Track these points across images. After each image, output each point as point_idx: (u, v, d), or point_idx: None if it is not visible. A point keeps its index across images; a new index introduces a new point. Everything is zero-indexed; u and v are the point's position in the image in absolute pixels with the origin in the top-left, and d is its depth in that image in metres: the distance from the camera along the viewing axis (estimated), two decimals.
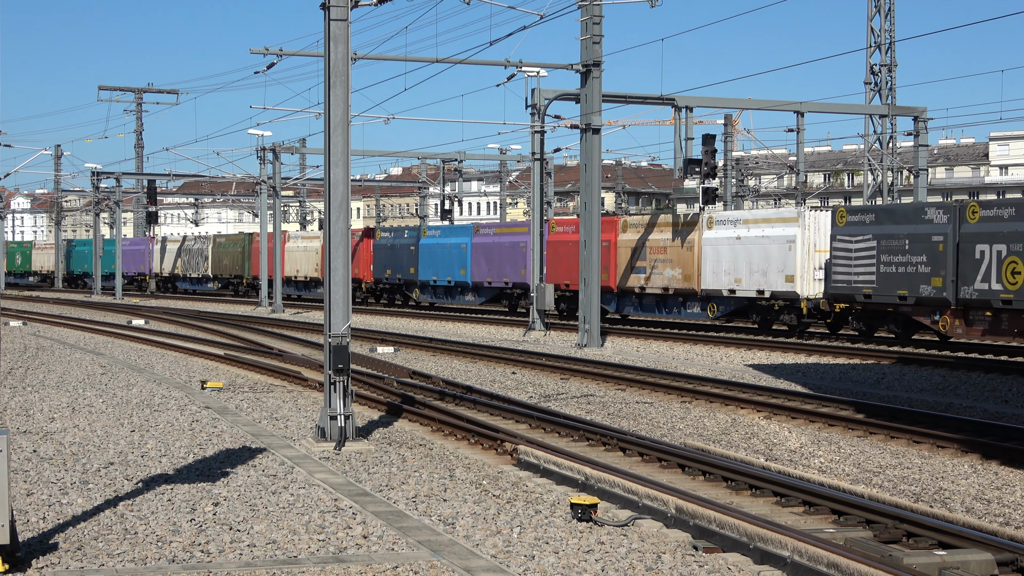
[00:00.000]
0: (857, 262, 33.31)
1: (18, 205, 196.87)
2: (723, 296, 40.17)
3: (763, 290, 38.54)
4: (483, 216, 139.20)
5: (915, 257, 31.16)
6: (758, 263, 38.62)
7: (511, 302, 52.73)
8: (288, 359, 30.48)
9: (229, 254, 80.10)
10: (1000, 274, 28.20)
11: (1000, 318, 28.48)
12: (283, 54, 36.03)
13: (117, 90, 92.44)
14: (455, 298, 56.58)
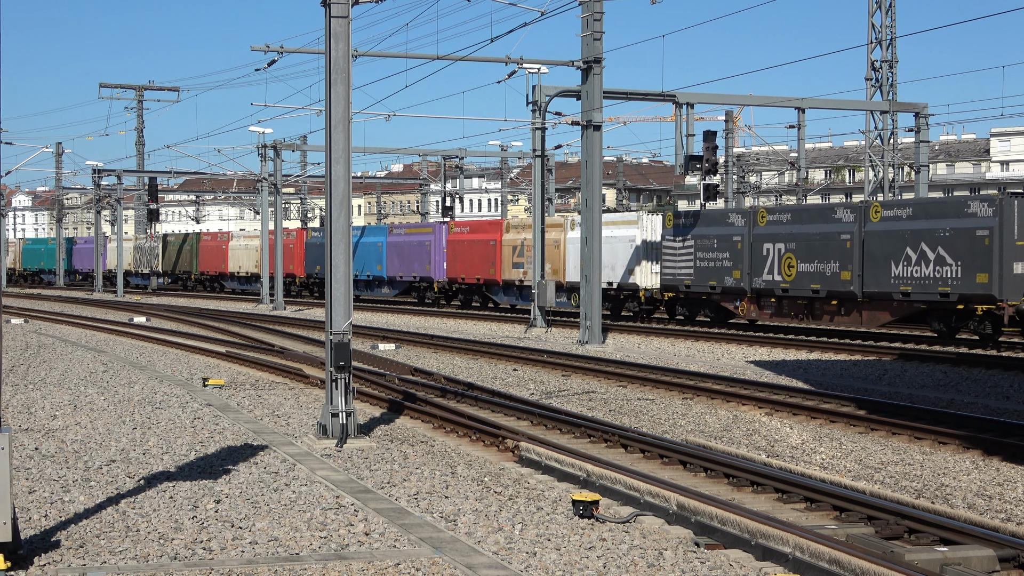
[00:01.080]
0: (681, 258, 41.22)
1: (19, 203, 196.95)
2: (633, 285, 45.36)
3: (612, 282, 44.66)
4: (484, 213, 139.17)
5: (721, 254, 39.39)
6: (608, 259, 43.15)
7: (419, 294, 59.13)
8: (289, 356, 30.49)
9: (179, 252, 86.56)
10: (780, 268, 36.91)
11: (782, 303, 37.42)
12: (284, 51, 36.03)
13: (118, 87, 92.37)
14: (374, 290, 62.95)
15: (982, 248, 31.13)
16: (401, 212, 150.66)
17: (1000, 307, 30.80)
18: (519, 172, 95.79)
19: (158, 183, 78.53)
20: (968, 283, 31.37)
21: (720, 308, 40.63)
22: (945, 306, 32.62)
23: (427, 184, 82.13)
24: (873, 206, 34.66)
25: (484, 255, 53.50)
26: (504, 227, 52.66)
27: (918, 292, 32.89)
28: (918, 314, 33.94)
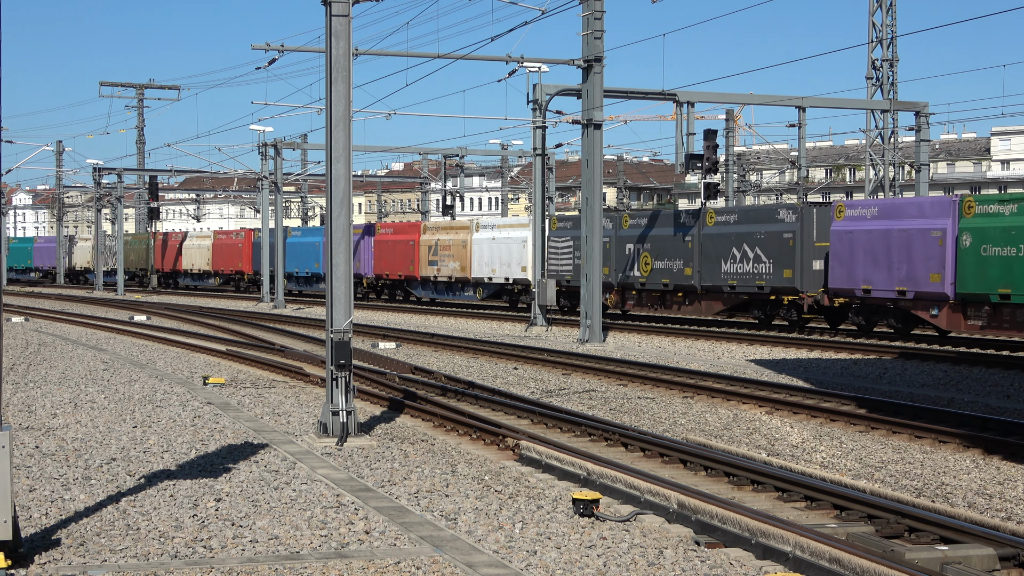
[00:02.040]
0: (563, 257, 46.88)
1: (20, 201, 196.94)
2: (485, 282, 53.49)
3: (508, 277, 51.75)
4: (485, 212, 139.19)
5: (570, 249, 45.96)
6: (505, 258, 51.59)
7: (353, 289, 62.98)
8: (290, 355, 30.50)
9: (135, 250, 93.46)
10: (639, 265, 42.71)
11: (641, 295, 43.63)
12: (284, 50, 36.04)
13: (118, 86, 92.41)
14: (312, 286, 69.30)
15: (788, 248, 37.14)
16: (402, 211, 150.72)
17: (801, 297, 37.03)
18: (520, 171, 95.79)
19: (158, 181, 78.61)
20: (778, 278, 37.49)
21: None
22: (762, 297, 38.75)
23: (427, 183, 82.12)
24: (708, 213, 40.81)
25: (405, 254, 59.73)
26: (421, 229, 59.07)
27: (742, 285, 39.01)
28: (743, 304, 39.99)
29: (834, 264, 35.49)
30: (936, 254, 32.03)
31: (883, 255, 33.69)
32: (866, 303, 34.94)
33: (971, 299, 30.99)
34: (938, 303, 32.20)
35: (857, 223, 34.90)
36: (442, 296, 57.60)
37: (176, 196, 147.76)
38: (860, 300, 34.91)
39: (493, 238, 52.96)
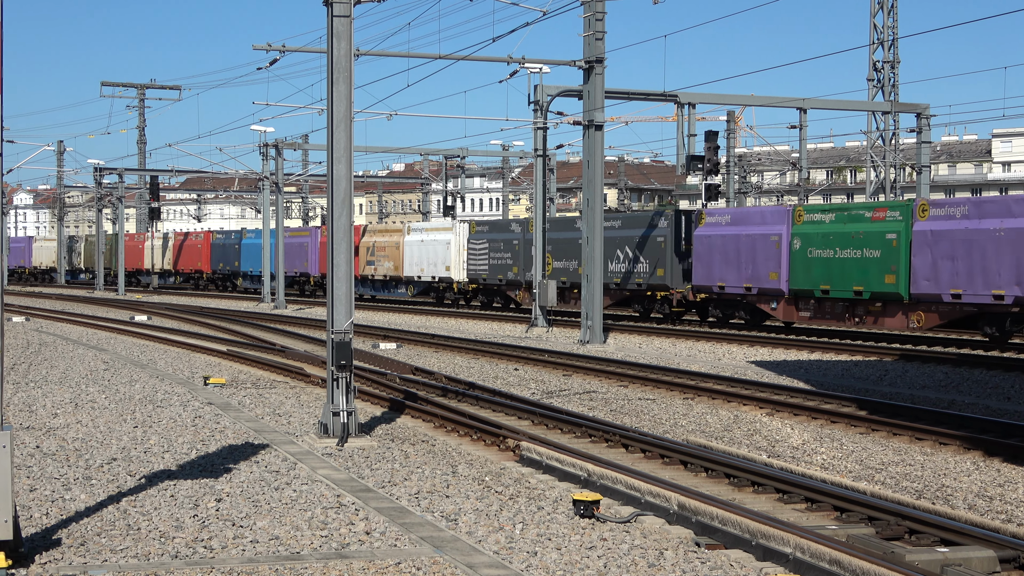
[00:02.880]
0: (480, 258, 53.25)
1: (21, 201, 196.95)
2: (415, 281, 59.59)
3: (435, 276, 57.46)
4: (485, 213, 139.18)
5: (506, 255, 51.55)
6: (432, 258, 57.59)
7: (299, 286, 71.28)
8: (291, 355, 30.50)
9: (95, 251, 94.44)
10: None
11: None
12: (286, 50, 36.04)
13: (120, 86, 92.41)
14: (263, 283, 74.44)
15: (661, 250, 42.69)
16: (403, 211, 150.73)
17: (672, 293, 42.41)
18: (521, 171, 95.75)
19: (159, 182, 78.56)
20: (653, 276, 43.13)
21: (506, 296, 53.05)
22: (641, 293, 44.29)
23: (429, 183, 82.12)
24: (641, 217, 46.33)
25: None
26: (361, 232, 64.82)
27: (625, 282, 44.49)
28: (626, 298, 45.26)
29: (696, 264, 40.63)
30: (774, 256, 37.62)
31: (734, 256, 39.03)
32: (722, 298, 40.11)
33: (801, 294, 36.68)
34: (776, 298, 37.62)
35: (715, 228, 40.03)
36: (379, 293, 64.03)
37: (177, 196, 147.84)
38: (717, 295, 40.15)
39: (422, 240, 58.90)
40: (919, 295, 32.87)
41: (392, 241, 61.54)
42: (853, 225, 35.19)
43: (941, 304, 32.51)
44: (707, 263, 39.97)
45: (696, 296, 41.03)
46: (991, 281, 31.01)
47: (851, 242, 34.98)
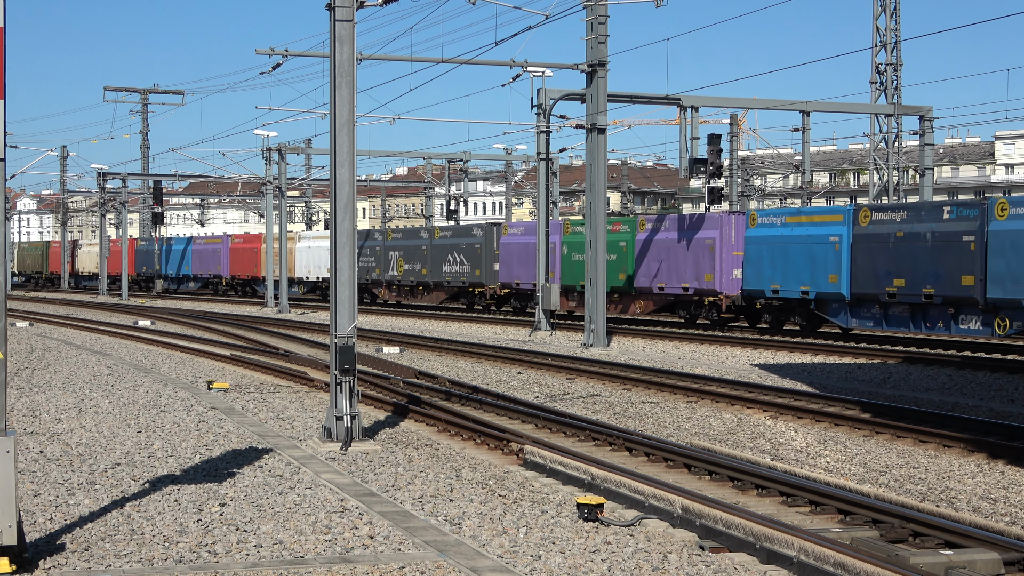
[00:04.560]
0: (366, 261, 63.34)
1: (24, 206, 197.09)
2: (305, 280, 70.09)
3: (319, 276, 67.52)
4: (488, 216, 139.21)
5: (371, 258, 62.68)
6: (316, 262, 67.27)
7: (214, 287, 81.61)
8: (294, 359, 30.50)
9: (32, 255, 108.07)
10: (396, 267, 59.01)
11: (399, 289, 60.59)
12: (289, 55, 36.03)
13: (123, 91, 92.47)
14: (183, 284, 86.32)
15: (477, 255, 53.54)
16: (406, 215, 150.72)
17: (486, 289, 52.83)
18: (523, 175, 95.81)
19: (163, 186, 78.60)
20: (472, 276, 53.82)
21: (372, 293, 63.88)
22: (464, 289, 55.06)
23: (431, 187, 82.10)
24: (435, 229, 57.50)
25: (251, 259, 75.85)
26: (262, 239, 72.37)
27: (452, 281, 55.30)
28: (456, 294, 56.38)
29: (502, 267, 51.85)
30: (622, 258, 45.23)
31: (527, 261, 48.69)
32: (519, 292, 51.00)
33: (569, 289, 46.94)
34: (628, 296, 45.72)
35: (513, 238, 51.51)
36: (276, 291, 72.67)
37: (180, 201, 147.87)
38: (517, 288, 50.90)
39: (309, 247, 69.38)
40: (639, 288, 44.09)
41: (288, 247, 69.32)
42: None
43: (653, 294, 43.54)
44: (508, 265, 50.93)
45: (502, 291, 51.96)
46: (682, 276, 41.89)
47: None
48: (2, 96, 9.86)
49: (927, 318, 33.08)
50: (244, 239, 78.65)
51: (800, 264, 36.28)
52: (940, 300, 32.08)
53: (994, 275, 30.47)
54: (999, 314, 30.73)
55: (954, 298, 31.55)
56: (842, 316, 35.76)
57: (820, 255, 35.85)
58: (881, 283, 33.77)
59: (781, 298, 37.51)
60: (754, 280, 38.64)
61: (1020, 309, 29.88)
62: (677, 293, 42.03)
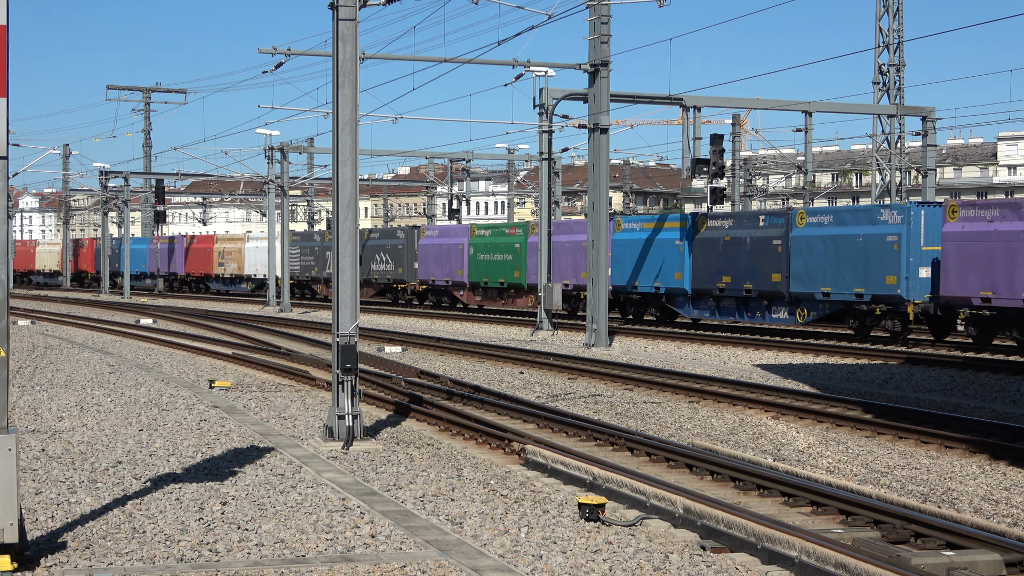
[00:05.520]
0: (295, 260, 69.37)
1: (26, 204, 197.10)
2: (253, 278, 76.56)
3: (264, 275, 71.38)
4: (491, 216, 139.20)
5: (311, 257, 69.04)
6: (263, 261, 71.20)
7: (169, 283, 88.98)
8: (296, 358, 30.51)
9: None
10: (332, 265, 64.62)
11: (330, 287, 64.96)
12: (291, 54, 36.03)
13: (125, 89, 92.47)
14: (143, 281, 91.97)
15: (400, 255, 60.06)
16: (408, 215, 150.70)
17: (412, 286, 59.18)
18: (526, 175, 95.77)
19: (165, 185, 78.64)
20: (395, 273, 60.47)
21: (312, 288, 69.53)
22: (390, 286, 61.67)
23: (434, 187, 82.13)
24: (366, 231, 64.13)
25: (204, 257, 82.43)
26: (214, 239, 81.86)
27: (380, 278, 61.97)
28: (383, 290, 62.68)
29: (420, 266, 57.93)
30: (458, 258, 54.60)
31: (441, 260, 56.37)
32: (435, 288, 57.21)
33: (476, 285, 53.49)
34: (462, 287, 55.18)
35: (430, 240, 57.66)
36: (226, 287, 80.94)
37: (182, 200, 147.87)
38: (432, 284, 56.93)
39: (257, 247, 75.66)
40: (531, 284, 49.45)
41: (236, 247, 78.38)
42: None
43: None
44: (426, 264, 57.50)
45: (421, 287, 58.87)
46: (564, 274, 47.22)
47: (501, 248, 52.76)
48: (4, 94, 9.86)
49: (748, 309, 39.37)
50: (198, 239, 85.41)
51: (653, 264, 42.16)
52: (757, 294, 38.47)
53: (795, 273, 36.91)
54: (800, 305, 37.15)
55: (767, 292, 38.04)
56: (686, 308, 42.14)
57: (668, 256, 42.17)
58: (713, 280, 40.06)
59: (640, 293, 43.80)
60: (620, 277, 44.06)
61: (815, 301, 36.48)
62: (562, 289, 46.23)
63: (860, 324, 35.65)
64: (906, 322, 34.13)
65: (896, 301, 33.92)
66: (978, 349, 32.19)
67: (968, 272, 30.96)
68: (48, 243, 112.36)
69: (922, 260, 33.62)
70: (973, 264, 30.88)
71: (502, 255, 51.86)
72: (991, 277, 30.43)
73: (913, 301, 33.47)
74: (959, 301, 31.77)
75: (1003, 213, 30.46)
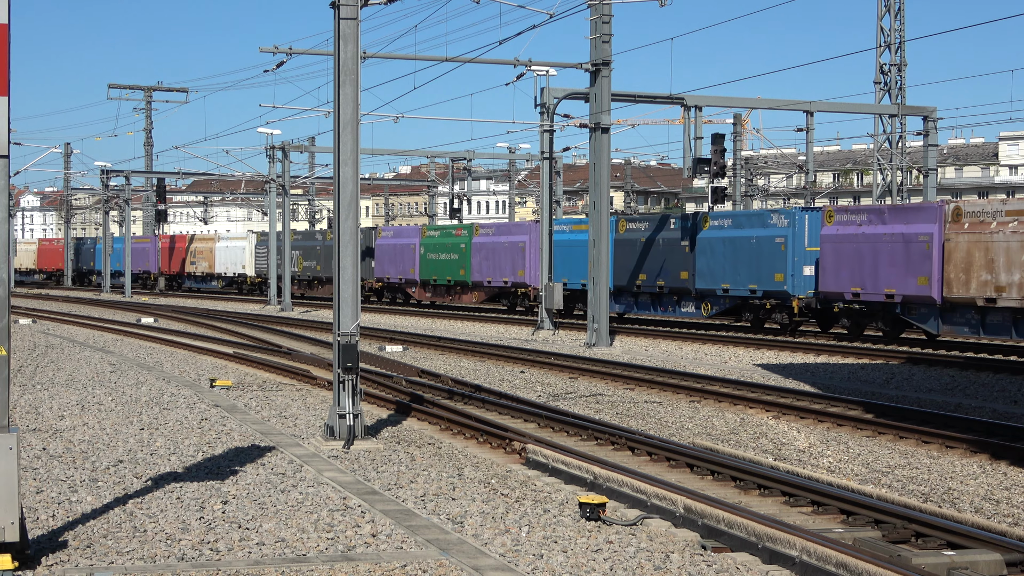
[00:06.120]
0: (261, 259, 74.13)
1: (28, 203, 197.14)
2: (224, 276, 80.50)
3: (236, 272, 78.73)
4: (492, 215, 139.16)
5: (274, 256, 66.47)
6: (234, 259, 78.67)
7: (143, 281, 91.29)
8: (297, 357, 30.51)
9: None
10: (296, 263, 69.25)
11: (300, 283, 70.07)
12: (293, 53, 36.04)
13: (127, 88, 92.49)
14: (117, 279, 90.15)
15: (317, 254, 67.47)
16: (409, 214, 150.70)
17: (370, 283, 61.65)
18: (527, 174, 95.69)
19: (166, 184, 78.66)
20: (314, 272, 67.71)
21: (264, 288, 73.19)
22: (313, 283, 68.11)
23: (435, 186, 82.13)
24: (327, 232, 68.06)
25: (178, 256, 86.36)
26: (188, 239, 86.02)
27: (306, 274, 68.80)
28: (309, 282, 69.27)
29: (377, 264, 61.31)
30: (410, 257, 58.39)
31: (394, 259, 59.61)
32: (390, 285, 61.26)
33: (426, 282, 57.09)
34: (414, 284, 58.59)
35: (385, 240, 61.47)
36: (198, 284, 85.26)
37: (184, 199, 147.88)
38: (387, 282, 61.16)
39: (227, 246, 79.96)
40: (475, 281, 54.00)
41: (208, 247, 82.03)
42: None
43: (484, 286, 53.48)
44: (381, 263, 61.51)
45: (377, 284, 62.41)
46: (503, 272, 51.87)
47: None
48: (6, 93, 9.87)
49: (661, 304, 43.05)
50: (172, 240, 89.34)
51: (581, 263, 43.52)
52: (668, 290, 42.13)
53: (700, 271, 40.46)
54: (704, 300, 40.78)
55: (677, 288, 41.71)
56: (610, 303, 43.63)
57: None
58: (632, 278, 43.79)
59: (569, 289, 46.32)
60: (558, 275, 46.01)
61: (716, 296, 40.05)
62: (500, 286, 52.43)
63: (755, 317, 39.54)
64: (792, 315, 37.92)
65: (784, 296, 37.67)
66: (851, 339, 35.82)
67: (841, 270, 34.90)
68: (24, 243, 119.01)
69: (806, 260, 37.42)
70: (845, 263, 34.76)
71: (449, 255, 56.00)
72: (860, 275, 34.34)
73: (798, 296, 37.30)
74: (835, 296, 35.60)
75: (870, 218, 34.40)
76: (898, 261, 32.93)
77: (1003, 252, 30.08)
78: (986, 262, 30.50)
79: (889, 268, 33.21)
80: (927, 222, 32.27)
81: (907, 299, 32.79)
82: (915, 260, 32.37)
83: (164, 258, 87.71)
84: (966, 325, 31.52)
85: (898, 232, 33.15)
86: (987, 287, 30.41)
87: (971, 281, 30.82)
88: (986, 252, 30.50)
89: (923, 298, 32.19)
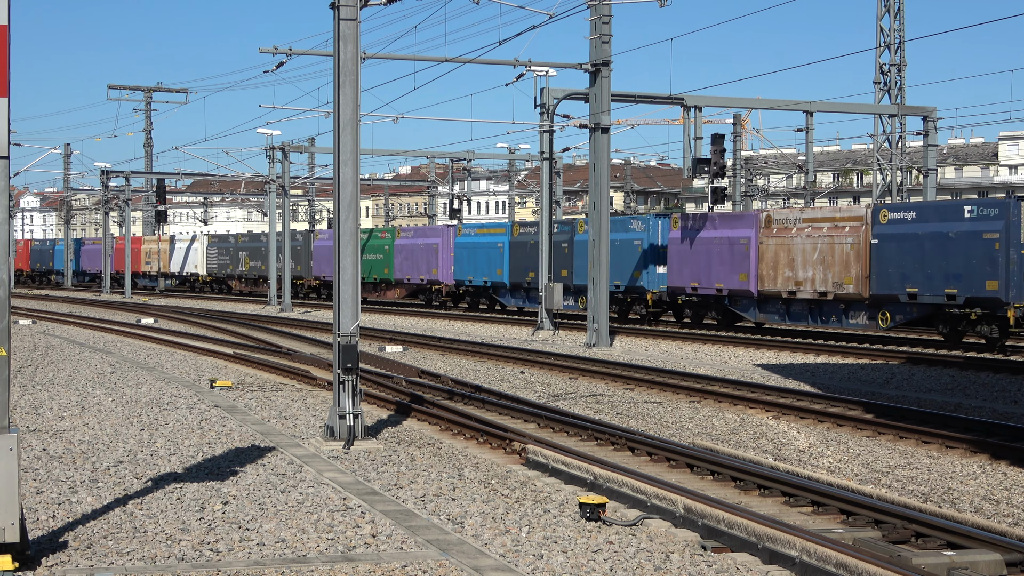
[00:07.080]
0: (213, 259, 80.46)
1: (28, 204, 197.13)
2: (175, 275, 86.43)
3: (187, 271, 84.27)
4: (492, 215, 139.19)
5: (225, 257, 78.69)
6: (192, 259, 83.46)
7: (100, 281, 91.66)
8: (297, 358, 30.51)
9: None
10: (243, 263, 77.90)
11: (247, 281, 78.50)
12: (292, 53, 36.02)
13: (127, 89, 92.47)
14: (81, 279, 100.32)
15: (299, 254, 68.96)
16: (408, 214, 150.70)
17: (309, 281, 67.87)
18: (527, 174, 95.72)
19: (166, 184, 78.67)
20: (295, 271, 67.97)
21: (227, 284, 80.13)
22: (292, 281, 64.04)
23: (435, 186, 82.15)
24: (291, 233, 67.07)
25: (136, 256, 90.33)
26: (142, 241, 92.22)
27: (252, 273, 74.71)
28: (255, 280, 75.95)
29: (315, 264, 67.62)
30: (386, 257, 61.04)
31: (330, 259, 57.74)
32: (326, 283, 65.71)
33: (400, 283, 60.46)
34: (389, 285, 61.73)
35: (321, 242, 66.52)
36: (151, 283, 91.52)
37: (184, 199, 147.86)
38: (323, 279, 66.26)
39: (178, 248, 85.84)
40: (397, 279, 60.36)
41: (159, 248, 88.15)
42: None
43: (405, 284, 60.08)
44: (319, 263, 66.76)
45: (315, 282, 68.16)
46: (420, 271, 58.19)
47: None
48: (6, 94, 9.87)
49: None
50: (132, 241, 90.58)
51: (484, 262, 52.07)
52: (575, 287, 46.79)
53: (577, 270, 45.82)
54: (579, 295, 45.82)
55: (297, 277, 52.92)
56: (507, 298, 52.52)
57: (495, 256, 52.13)
58: (523, 275, 49.83)
59: (474, 286, 53.77)
60: (460, 273, 54.89)
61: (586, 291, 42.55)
62: (418, 283, 59.09)
63: (619, 309, 44.68)
64: (648, 307, 43.97)
65: (640, 291, 43.80)
66: (691, 326, 41.95)
67: (684, 268, 41.14)
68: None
69: (660, 259, 43.17)
70: (687, 262, 41.09)
71: (375, 255, 61.88)
72: (697, 272, 40.66)
73: (651, 291, 43.23)
74: (679, 290, 41.84)
75: (704, 223, 40.78)
76: (725, 260, 39.35)
77: (800, 253, 36.66)
78: (788, 261, 37.12)
79: (719, 266, 39.58)
80: (746, 228, 38.88)
81: (732, 292, 39.38)
82: (737, 260, 38.90)
83: (118, 258, 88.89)
84: (776, 313, 38.15)
85: (725, 236, 39.70)
86: (789, 282, 37.06)
87: (778, 277, 37.49)
88: (788, 253, 37.13)
89: (744, 291, 38.85)
